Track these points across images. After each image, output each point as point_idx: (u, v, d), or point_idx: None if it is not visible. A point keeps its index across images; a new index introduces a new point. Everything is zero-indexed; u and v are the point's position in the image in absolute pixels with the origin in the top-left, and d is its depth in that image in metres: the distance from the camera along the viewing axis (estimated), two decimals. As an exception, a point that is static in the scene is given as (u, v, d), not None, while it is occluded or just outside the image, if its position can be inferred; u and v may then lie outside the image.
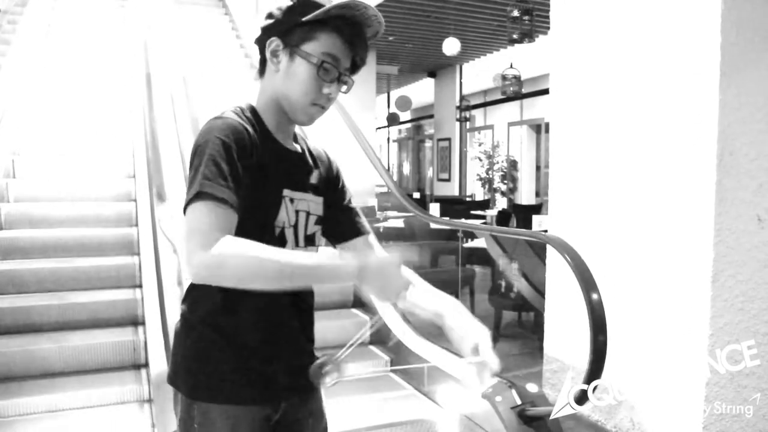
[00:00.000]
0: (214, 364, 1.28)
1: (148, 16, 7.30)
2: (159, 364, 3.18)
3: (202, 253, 1.04)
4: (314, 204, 1.36)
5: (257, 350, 1.29)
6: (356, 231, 1.46)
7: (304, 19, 1.22)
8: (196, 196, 1.09)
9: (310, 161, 1.39)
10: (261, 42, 1.30)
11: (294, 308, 1.34)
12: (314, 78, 1.24)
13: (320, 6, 1.22)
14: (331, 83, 1.26)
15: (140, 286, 4.03)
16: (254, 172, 1.20)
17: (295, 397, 1.37)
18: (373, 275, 1.08)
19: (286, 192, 1.28)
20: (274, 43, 1.27)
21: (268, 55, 1.29)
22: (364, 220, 1.49)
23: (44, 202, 4.86)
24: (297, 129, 1.40)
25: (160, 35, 6.78)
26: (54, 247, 4.36)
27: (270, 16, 1.28)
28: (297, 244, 1.31)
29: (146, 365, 3.46)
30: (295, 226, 1.31)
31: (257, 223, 1.23)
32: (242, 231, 1.14)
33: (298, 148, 1.38)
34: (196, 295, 1.30)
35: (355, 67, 1.31)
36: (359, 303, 4.41)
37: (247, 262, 1.05)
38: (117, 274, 4.21)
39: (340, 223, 1.45)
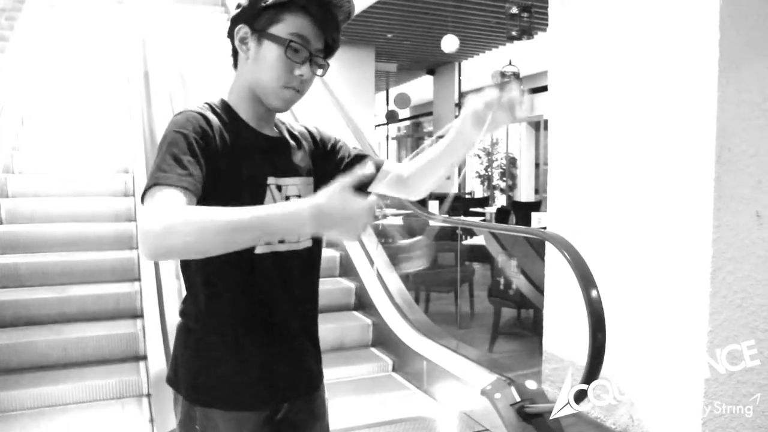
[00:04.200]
0: (213, 367, 1.26)
1: (146, 14, 7.30)
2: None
3: (156, 224, 0.97)
4: (305, 186, 1.32)
5: (256, 353, 1.27)
6: (376, 168, 1.39)
7: (269, 2, 1.21)
8: (153, 186, 1.05)
9: (293, 143, 1.36)
10: (230, 32, 1.28)
11: (295, 309, 1.32)
12: (283, 59, 1.21)
13: None
14: (303, 64, 1.22)
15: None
16: (229, 163, 1.19)
17: (297, 398, 1.35)
18: (329, 217, 0.97)
19: (271, 180, 1.26)
20: (242, 30, 1.25)
21: (237, 43, 1.27)
22: (374, 155, 1.44)
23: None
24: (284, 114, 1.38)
25: (158, 33, 6.78)
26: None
27: (238, 6, 1.27)
28: None
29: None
30: None
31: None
32: None
33: (277, 132, 1.35)
34: (194, 297, 1.28)
35: (329, 50, 1.28)
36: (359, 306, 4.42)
37: (194, 224, 0.97)
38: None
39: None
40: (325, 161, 1.40)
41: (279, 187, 1.26)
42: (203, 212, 0.99)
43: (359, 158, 1.42)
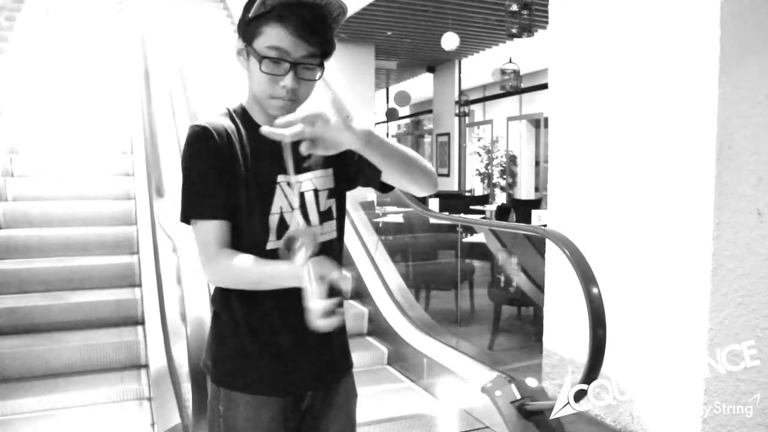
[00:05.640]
0: (238, 354, 1.33)
1: (145, 10, 7.28)
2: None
3: (207, 267, 1.26)
4: (322, 179, 1.35)
5: (279, 342, 1.32)
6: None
7: (250, 15, 1.22)
8: (187, 221, 1.27)
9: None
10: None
11: None
12: (262, 73, 1.23)
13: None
14: (285, 75, 1.22)
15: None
16: (239, 165, 1.26)
17: (320, 388, 1.40)
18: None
19: (281, 178, 1.29)
20: (238, 42, 1.29)
21: (235, 55, 1.31)
22: None
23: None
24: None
25: (157, 30, 6.76)
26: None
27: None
28: (309, 224, 1.31)
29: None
30: (303, 208, 1.31)
31: (256, 213, 1.28)
32: (246, 222, 1.25)
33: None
34: (223, 287, 1.34)
35: (323, 53, 1.26)
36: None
37: (236, 279, 1.26)
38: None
39: (375, 172, 1.37)
40: (345, 154, 1.39)
41: (290, 184, 1.30)
42: (237, 270, 1.24)
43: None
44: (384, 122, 17.98)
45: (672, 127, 2.55)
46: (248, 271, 1.23)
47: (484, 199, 11.48)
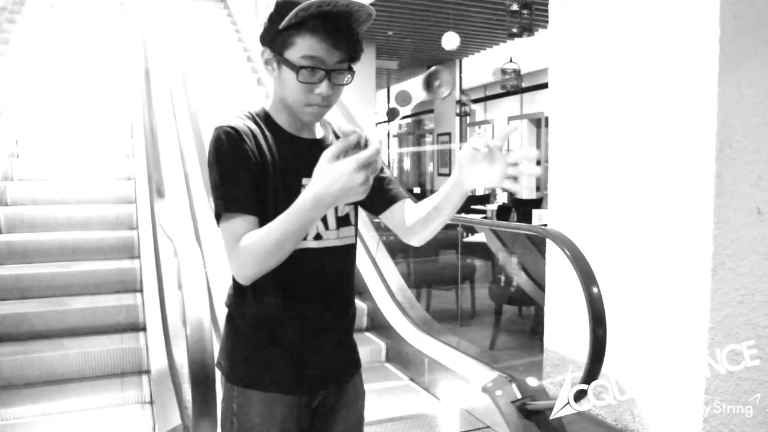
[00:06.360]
0: (251, 353, 1.35)
1: (147, 11, 7.28)
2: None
3: (233, 258, 1.22)
4: None
5: (292, 341, 1.35)
6: (390, 200, 1.45)
7: (280, 26, 1.23)
8: (219, 217, 1.25)
9: (333, 142, 1.39)
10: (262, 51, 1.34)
11: (329, 300, 1.39)
12: (298, 82, 1.25)
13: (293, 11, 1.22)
14: (320, 82, 1.25)
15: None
16: (265, 169, 1.27)
17: (332, 387, 1.42)
18: (328, 196, 1.10)
19: (306, 181, 1.30)
20: (266, 52, 1.30)
21: (263, 64, 1.32)
22: (397, 187, 1.46)
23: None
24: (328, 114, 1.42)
25: (159, 30, 6.76)
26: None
27: (263, 25, 1.31)
28: (327, 228, 1.35)
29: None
30: None
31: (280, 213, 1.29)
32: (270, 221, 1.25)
33: (317, 135, 1.40)
34: (235, 286, 1.36)
35: (353, 58, 1.29)
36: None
37: (261, 248, 1.18)
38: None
39: (372, 196, 1.39)
40: None
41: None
42: (256, 243, 1.18)
43: (380, 180, 1.44)
44: (385, 122, 17.98)
45: (672, 126, 2.55)
46: (269, 231, 1.17)
47: (485, 199, 11.47)
